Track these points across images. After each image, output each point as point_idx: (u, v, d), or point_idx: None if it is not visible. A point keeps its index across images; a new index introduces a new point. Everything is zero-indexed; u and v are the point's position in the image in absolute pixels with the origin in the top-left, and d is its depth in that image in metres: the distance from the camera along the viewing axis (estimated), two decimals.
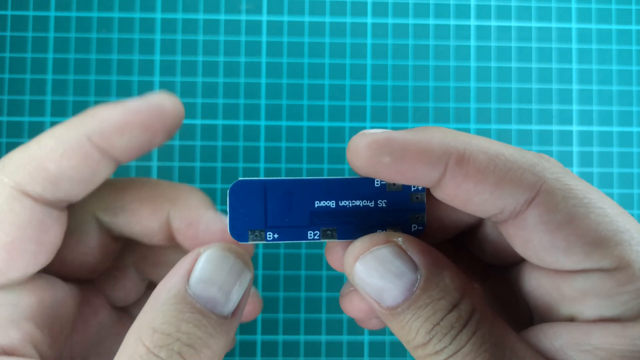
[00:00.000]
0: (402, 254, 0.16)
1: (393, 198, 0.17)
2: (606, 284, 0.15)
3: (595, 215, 0.15)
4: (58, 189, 0.16)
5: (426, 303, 0.15)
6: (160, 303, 0.15)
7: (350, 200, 0.17)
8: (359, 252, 0.16)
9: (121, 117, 0.16)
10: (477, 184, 0.15)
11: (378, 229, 0.17)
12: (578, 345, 0.15)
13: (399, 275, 0.15)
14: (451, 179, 0.15)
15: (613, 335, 0.14)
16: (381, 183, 0.17)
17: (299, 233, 0.17)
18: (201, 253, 0.16)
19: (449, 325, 0.15)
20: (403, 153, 0.15)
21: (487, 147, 0.15)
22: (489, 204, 0.15)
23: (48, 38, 0.33)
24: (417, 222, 0.17)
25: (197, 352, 0.15)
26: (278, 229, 0.17)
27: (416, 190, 0.17)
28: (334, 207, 0.17)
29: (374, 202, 0.17)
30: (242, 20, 0.33)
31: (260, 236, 0.17)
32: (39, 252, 0.16)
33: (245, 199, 0.17)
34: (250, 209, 0.17)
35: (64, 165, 0.16)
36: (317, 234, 0.17)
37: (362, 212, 0.17)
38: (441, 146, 0.15)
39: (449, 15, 0.34)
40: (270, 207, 0.17)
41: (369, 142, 0.15)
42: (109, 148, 0.16)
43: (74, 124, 0.16)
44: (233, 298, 0.16)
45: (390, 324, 0.16)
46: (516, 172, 0.15)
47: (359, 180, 0.17)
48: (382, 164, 0.15)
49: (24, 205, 0.16)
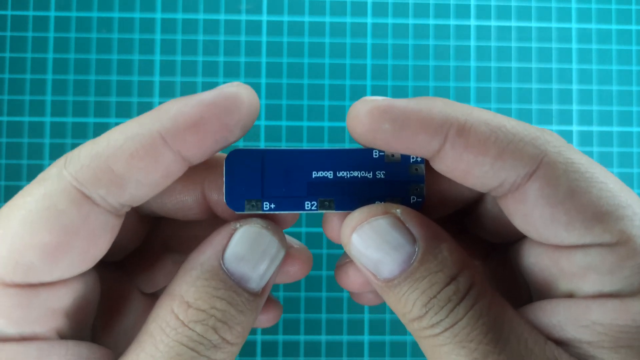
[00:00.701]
0: (400, 225, 0.15)
1: (392, 169, 0.17)
2: (606, 259, 0.14)
3: (597, 190, 0.14)
4: (123, 193, 0.15)
5: (423, 276, 0.15)
6: (194, 277, 0.15)
7: (349, 171, 0.17)
8: (357, 223, 0.16)
9: (195, 111, 0.15)
10: (478, 155, 0.15)
11: (376, 200, 0.17)
12: (576, 320, 0.14)
13: (396, 247, 0.15)
14: (451, 149, 0.15)
15: (612, 311, 0.14)
16: (379, 154, 0.17)
17: (296, 203, 0.17)
18: (237, 229, 0.16)
19: (446, 298, 0.15)
20: (404, 121, 0.15)
21: (489, 119, 0.15)
22: (489, 176, 0.15)
23: (48, 38, 0.33)
24: (416, 194, 0.17)
25: (229, 328, 0.15)
26: (275, 199, 0.17)
27: (415, 161, 0.17)
28: (332, 177, 0.17)
29: (372, 173, 0.17)
30: (242, 20, 0.33)
31: (256, 206, 0.17)
32: (81, 261, 0.15)
33: (242, 169, 0.17)
34: (247, 179, 0.17)
35: (133, 166, 0.15)
36: (314, 204, 0.17)
37: (360, 183, 0.17)
38: (442, 115, 0.15)
39: (449, 15, 0.34)
40: (268, 177, 0.17)
41: (370, 109, 0.15)
42: (182, 147, 0.15)
43: (145, 120, 0.15)
44: (265, 276, 0.16)
45: (387, 296, 0.16)
46: (518, 144, 0.15)
47: (358, 151, 0.17)
48: (382, 131, 0.15)
49: (81, 210, 0.15)
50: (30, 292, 0.15)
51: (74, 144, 0.32)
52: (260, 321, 0.21)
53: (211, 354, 0.15)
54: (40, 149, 0.32)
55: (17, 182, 0.32)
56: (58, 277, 0.15)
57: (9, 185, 0.32)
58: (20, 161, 0.32)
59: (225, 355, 0.15)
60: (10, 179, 0.32)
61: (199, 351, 0.14)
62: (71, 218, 0.15)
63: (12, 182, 0.32)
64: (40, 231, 0.14)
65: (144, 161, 0.15)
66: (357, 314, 0.32)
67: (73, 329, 0.16)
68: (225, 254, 0.16)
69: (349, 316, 0.32)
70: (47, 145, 0.32)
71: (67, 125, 0.32)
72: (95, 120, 0.32)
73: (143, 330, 0.15)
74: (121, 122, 0.34)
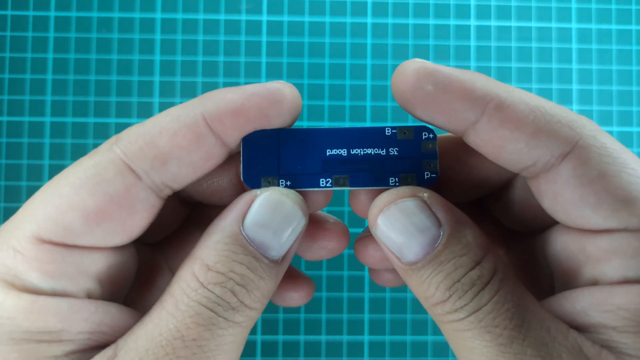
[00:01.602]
0: (427, 208, 0.16)
1: (405, 146, 0.17)
2: (632, 244, 0.15)
3: (627, 175, 0.15)
4: (166, 169, 0.16)
5: (448, 259, 0.15)
6: (214, 241, 0.16)
7: (362, 149, 0.17)
8: (384, 204, 0.16)
9: (239, 99, 0.16)
10: (514, 131, 0.15)
11: (390, 177, 0.17)
12: (600, 305, 0.15)
13: (422, 229, 0.15)
14: (487, 122, 0.15)
15: (637, 295, 0.14)
16: (392, 131, 0.17)
17: (312, 180, 0.17)
18: (258, 195, 0.16)
19: (470, 282, 0.15)
20: (446, 85, 0.15)
21: (528, 99, 0.15)
22: (523, 153, 0.15)
23: (48, 38, 0.33)
24: (430, 170, 0.17)
25: (248, 292, 0.15)
26: (291, 177, 0.17)
27: (427, 138, 0.17)
28: (346, 155, 0.17)
29: (385, 150, 0.17)
30: (242, 20, 0.33)
31: (272, 183, 0.17)
32: (117, 232, 0.16)
33: (258, 147, 0.17)
34: (263, 157, 0.17)
35: (176, 144, 0.15)
36: (329, 181, 0.17)
37: (373, 160, 0.17)
38: (484, 88, 0.15)
39: (449, 15, 0.34)
40: (283, 155, 0.17)
41: (417, 68, 0.15)
42: (223, 131, 0.16)
43: (191, 104, 0.16)
44: (286, 243, 0.16)
45: (409, 279, 0.16)
46: (555, 125, 0.15)
47: (371, 129, 0.17)
48: (424, 92, 0.15)
49: (125, 181, 0.15)
50: (65, 251, 0.15)
51: (74, 144, 0.32)
52: (294, 298, 0.21)
53: (229, 315, 0.15)
54: (40, 149, 0.32)
55: (17, 182, 0.32)
56: (93, 243, 0.16)
57: (9, 185, 0.32)
58: (20, 161, 0.32)
59: (243, 318, 0.15)
60: (10, 179, 0.32)
61: (217, 312, 0.15)
62: (115, 187, 0.15)
63: (12, 182, 0.32)
64: (85, 195, 0.15)
65: (186, 140, 0.16)
66: (357, 314, 0.32)
67: (104, 294, 0.17)
68: (245, 220, 0.16)
69: (349, 316, 0.32)
70: (47, 145, 0.32)
71: (67, 125, 0.32)
72: (95, 120, 0.32)
73: (166, 291, 0.16)
74: (121, 122, 0.34)
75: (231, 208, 0.16)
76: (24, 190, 0.32)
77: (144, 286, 0.19)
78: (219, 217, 0.16)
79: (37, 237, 0.15)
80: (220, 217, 0.16)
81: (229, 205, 0.17)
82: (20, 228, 0.15)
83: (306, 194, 0.18)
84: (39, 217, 0.15)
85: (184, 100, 0.32)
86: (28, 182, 0.32)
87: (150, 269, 0.20)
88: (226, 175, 0.19)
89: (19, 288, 0.15)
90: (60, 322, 0.15)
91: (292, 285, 0.21)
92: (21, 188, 0.32)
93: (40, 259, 0.15)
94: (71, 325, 0.15)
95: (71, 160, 0.32)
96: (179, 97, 0.33)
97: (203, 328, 0.15)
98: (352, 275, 0.32)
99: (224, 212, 0.16)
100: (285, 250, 0.16)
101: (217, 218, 0.16)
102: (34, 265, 0.15)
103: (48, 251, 0.15)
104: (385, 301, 0.32)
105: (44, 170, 0.32)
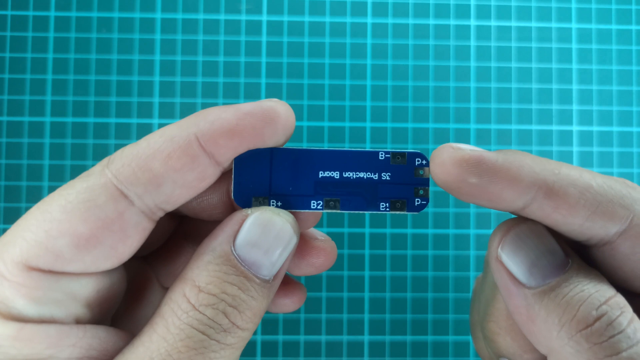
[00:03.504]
0: (550, 234, 0.15)
1: (397, 171, 0.17)
2: None
3: None
4: (159, 192, 0.16)
5: (588, 279, 0.14)
6: (205, 262, 0.15)
7: (355, 172, 0.17)
8: (504, 232, 0.16)
9: (233, 118, 0.16)
10: (567, 217, 0.15)
11: (382, 202, 0.17)
12: None
13: (552, 250, 0.15)
14: (538, 209, 0.15)
15: None
16: (385, 156, 0.17)
17: (303, 202, 0.17)
18: (249, 215, 0.16)
19: (617, 306, 0.14)
20: (492, 177, 0.15)
21: (576, 179, 0.15)
22: (576, 233, 0.15)
23: (48, 38, 0.33)
24: (420, 197, 0.17)
25: (240, 313, 0.15)
26: (282, 197, 0.17)
27: (420, 164, 0.17)
28: (338, 178, 0.17)
29: (377, 175, 0.17)
30: (242, 20, 0.33)
31: (263, 203, 0.17)
32: (108, 258, 0.16)
33: (250, 166, 0.17)
34: (255, 176, 0.17)
35: (170, 166, 0.15)
36: (320, 203, 0.17)
37: (365, 184, 0.17)
38: (531, 175, 0.15)
39: (449, 15, 0.34)
40: (275, 175, 0.17)
41: (458, 160, 0.15)
42: (217, 151, 0.16)
43: (185, 124, 0.16)
44: (277, 263, 0.16)
45: (540, 304, 0.15)
46: (607, 206, 0.15)
47: (364, 152, 0.17)
48: (468, 184, 0.15)
49: (118, 206, 0.15)
50: (54, 277, 0.15)
51: (74, 144, 0.32)
52: (286, 305, 0.21)
53: (221, 337, 0.15)
54: (40, 149, 0.32)
55: (17, 182, 0.32)
56: (82, 269, 0.15)
57: (9, 185, 0.32)
58: (20, 161, 0.32)
59: (235, 340, 0.15)
60: (10, 179, 0.32)
61: (209, 334, 0.15)
62: (107, 213, 0.15)
63: (12, 182, 0.32)
64: (76, 221, 0.15)
65: (181, 161, 0.15)
66: (357, 314, 0.32)
67: (92, 318, 0.16)
68: (236, 240, 0.16)
69: (349, 316, 0.32)
70: (47, 145, 0.32)
71: (67, 125, 0.32)
72: (95, 120, 0.32)
73: (157, 312, 0.16)
74: (121, 122, 0.34)
75: (222, 227, 0.16)
76: (24, 191, 0.32)
77: (132, 300, 0.19)
78: (210, 236, 0.16)
79: (26, 263, 0.15)
80: (211, 237, 0.16)
81: (219, 225, 0.16)
82: (9, 252, 0.15)
83: (297, 212, 0.18)
84: (29, 242, 0.15)
85: (184, 100, 0.32)
86: (28, 182, 0.32)
87: (138, 282, 0.20)
88: (216, 194, 0.19)
89: (5, 315, 0.15)
90: (48, 348, 0.14)
91: (284, 292, 0.21)
92: (21, 188, 0.32)
93: (28, 285, 0.15)
94: (59, 352, 0.15)
95: (71, 160, 0.32)
96: (179, 97, 0.33)
97: (195, 352, 0.14)
98: (352, 275, 0.32)
99: (215, 231, 0.16)
100: (277, 270, 0.16)
101: (207, 238, 0.16)
102: (21, 291, 0.15)
103: (36, 277, 0.15)
104: (385, 301, 0.32)
105: (44, 170, 0.32)
